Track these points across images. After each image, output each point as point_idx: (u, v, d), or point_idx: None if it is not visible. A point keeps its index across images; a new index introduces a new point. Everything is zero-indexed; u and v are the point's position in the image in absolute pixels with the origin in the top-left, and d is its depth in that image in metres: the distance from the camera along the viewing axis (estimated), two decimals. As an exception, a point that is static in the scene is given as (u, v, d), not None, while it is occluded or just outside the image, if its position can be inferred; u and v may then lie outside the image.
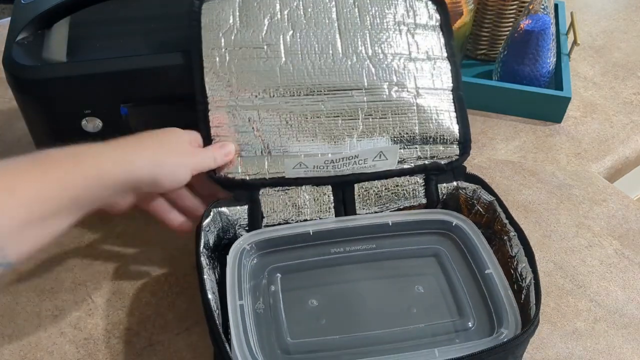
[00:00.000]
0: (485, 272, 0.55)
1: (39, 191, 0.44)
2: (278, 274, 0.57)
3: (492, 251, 0.57)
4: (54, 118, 0.63)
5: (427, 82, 0.64)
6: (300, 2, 0.64)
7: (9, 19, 0.67)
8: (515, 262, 0.56)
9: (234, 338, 0.49)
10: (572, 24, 0.92)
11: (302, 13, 0.63)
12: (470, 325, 0.53)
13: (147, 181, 0.51)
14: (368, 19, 0.64)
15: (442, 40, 0.66)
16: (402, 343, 0.51)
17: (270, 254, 0.58)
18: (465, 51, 0.94)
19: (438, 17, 0.66)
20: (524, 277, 0.55)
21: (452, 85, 0.65)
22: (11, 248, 0.42)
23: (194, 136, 0.58)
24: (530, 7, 0.82)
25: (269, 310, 0.53)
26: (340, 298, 0.55)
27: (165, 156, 0.53)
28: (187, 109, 0.60)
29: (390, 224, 0.60)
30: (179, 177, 0.54)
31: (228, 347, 0.47)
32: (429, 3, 0.66)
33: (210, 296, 0.51)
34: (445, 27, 0.66)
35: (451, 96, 0.64)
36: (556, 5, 0.99)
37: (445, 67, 0.65)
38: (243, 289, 0.53)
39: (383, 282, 0.57)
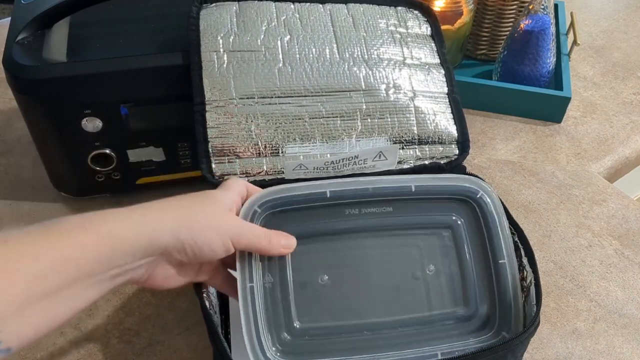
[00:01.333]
0: (500, 261, 0.53)
1: (41, 264, 0.38)
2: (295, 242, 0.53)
3: (511, 237, 0.55)
4: (54, 118, 0.63)
5: (422, 86, 0.64)
6: (296, 10, 0.65)
7: (9, 19, 0.67)
8: (516, 262, 0.56)
9: (243, 322, 0.48)
10: (572, 24, 0.92)
11: (298, 20, 0.64)
12: (471, 317, 0.53)
13: (173, 248, 0.44)
14: (362, 26, 0.65)
15: (435, 47, 0.67)
16: (405, 332, 0.51)
17: (283, 214, 0.53)
18: (465, 51, 0.94)
19: (429, 27, 0.68)
20: (524, 277, 0.55)
21: (447, 89, 0.65)
22: (10, 331, 0.36)
23: (235, 201, 0.51)
24: (530, 7, 0.82)
25: (277, 286, 0.51)
26: (351, 275, 0.53)
27: (194, 221, 0.45)
28: (187, 109, 0.60)
29: (413, 189, 0.55)
30: (214, 246, 0.46)
31: (227, 348, 0.47)
32: (419, 15, 0.68)
33: (207, 296, 0.51)
34: (437, 35, 0.68)
35: (447, 99, 0.65)
36: (556, 5, 0.99)
37: (439, 72, 0.66)
38: (253, 265, 0.50)
39: (395, 253, 0.54)
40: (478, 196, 0.55)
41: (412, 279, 0.53)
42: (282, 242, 0.50)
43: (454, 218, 0.55)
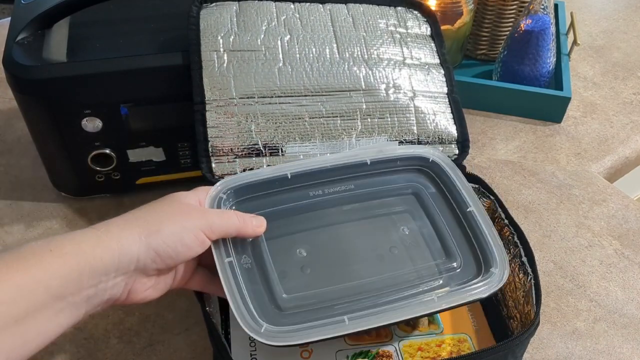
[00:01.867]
0: (467, 210, 0.55)
1: (7, 288, 0.37)
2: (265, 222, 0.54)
3: (471, 188, 0.57)
4: (54, 118, 0.63)
5: (422, 86, 0.64)
6: (297, 10, 0.65)
7: (9, 19, 0.67)
8: (515, 262, 0.56)
9: (229, 297, 0.47)
10: (572, 24, 0.92)
11: (298, 20, 0.64)
12: (456, 266, 0.53)
13: (147, 258, 0.43)
14: (362, 27, 0.65)
15: (434, 48, 0.67)
16: (393, 289, 0.51)
17: (248, 201, 0.55)
18: (465, 51, 0.94)
19: (428, 27, 0.68)
20: (523, 277, 0.55)
21: (446, 89, 0.65)
22: None
23: (201, 193, 0.52)
24: (530, 7, 0.82)
25: (256, 264, 0.51)
26: (327, 245, 0.54)
27: (160, 224, 0.44)
28: (187, 109, 0.60)
29: (369, 163, 0.58)
30: (188, 242, 0.45)
31: (228, 348, 0.48)
32: (419, 15, 0.68)
33: (207, 296, 0.51)
34: (437, 36, 0.68)
35: (447, 99, 0.65)
36: (556, 5, 0.99)
37: (439, 73, 0.66)
38: (227, 243, 0.50)
39: (367, 224, 0.56)
40: (430, 160, 0.59)
41: (388, 243, 0.54)
42: (254, 222, 0.51)
43: (413, 183, 0.58)
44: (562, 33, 0.94)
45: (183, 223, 0.45)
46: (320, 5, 0.66)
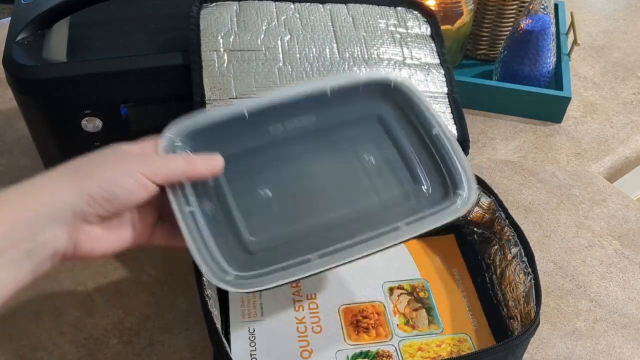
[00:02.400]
0: (433, 132, 0.53)
1: None
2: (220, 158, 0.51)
3: (436, 111, 0.55)
4: (54, 118, 0.63)
5: (422, 86, 0.64)
6: (297, 10, 0.65)
7: (9, 19, 0.67)
8: (515, 262, 0.56)
9: (191, 248, 0.45)
10: (572, 24, 0.92)
11: (298, 19, 0.64)
12: (424, 191, 0.52)
13: (81, 202, 0.41)
14: (362, 27, 0.65)
15: (434, 48, 0.67)
16: (361, 221, 0.50)
17: (205, 146, 0.51)
18: (465, 51, 0.94)
19: (428, 27, 0.68)
20: (524, 277, 0.55)
21: (446, 89, 0.65)
22: None
23: (147, 144, 0.48)
24: (530, 7, 0.82)
25: (220, 210, 0.49)
26: (292, 182, 0.52)
27: (95, 169, 0.43)
28: (187, 109, 0.60)
29: (329, 93, 0.54)
30: (126, 185, 0.43)
31: (228, 348, 0.48)
32: (419, 15, 0.68)
33: (208, 296, 0.51)
34: (437, 36, 0.68)
35: (447, 99, 0.65)
36: (556, 5, 0.99)
37: (439, 73, 0.66)
38: (185, 190, 0.47)
39: (332, 156, 0.54)
40: (392, 85, 0.56)
41: (354, 174, 0.53)
42: (209, 163, 0.48)
43: (376, 110, 0.56)
44: (562, 33, 0.94)
45: (119, 167, 0.43)
46: (320, 5, 0.66)
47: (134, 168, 0.44)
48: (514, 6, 0.89)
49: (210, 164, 0.48)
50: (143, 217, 0.47)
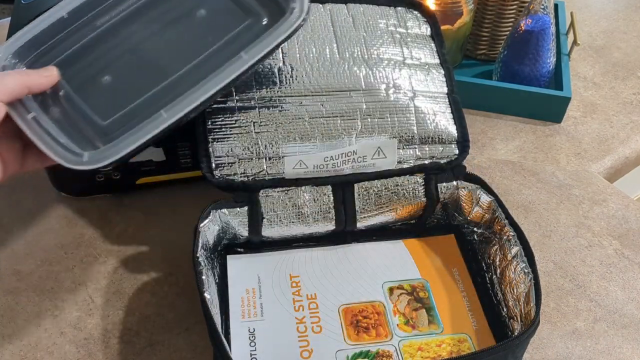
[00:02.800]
0: None
1: None
2: (54, 68, 0.52)
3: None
4: (54, 118, 0.63)
5: (422, 86, 0.64)
6: None
7: (9, 19, 0.67)
8: (515, 262, 0.56)
9: (41, 146, 0.47)
10: (572, 24, 0.92)
11: None
12: (261, 20, 0.53)
13: None
14: (362, 26, 0.65)
15: (434, 48, 0.67)
16: (206, 67, 0.51)
17: (37, 59, 0.52)
18: (465, 51, 0.94)
19: (428, 27, 0.68)
20: (524, 277, 0.55)
21: (446, 89, 0.65)
22: None
23: None
24: (530, 7, 0.82)
25: (66, 110, 0.51)
26: (129, 60, 0.53)
27: None
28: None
29: None
30: None
31: (228, 348, 0.48)
32: (419, 15, 0.68)
33: (207, 296, 0.51)
34: (437, 36, 0.68)
35: (447, 99, 0.65)
36: (556, 5, 0.99)
37: (439, 73, 0.66)
38: (25, 101, 0.48)
39: (163, 24, 0.54)
40: None
41: (187, 31, 0.54)
42: (44, 72, 0.50)
43: None
44: (562, 33, 0.94)
45: None
46: (320, 5, 0.66)
47: None
48: (514, 6, 0.89)
49: (46, 73, 0.50)
50: (6, 145, 0.48)
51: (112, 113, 0.51)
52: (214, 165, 0.59)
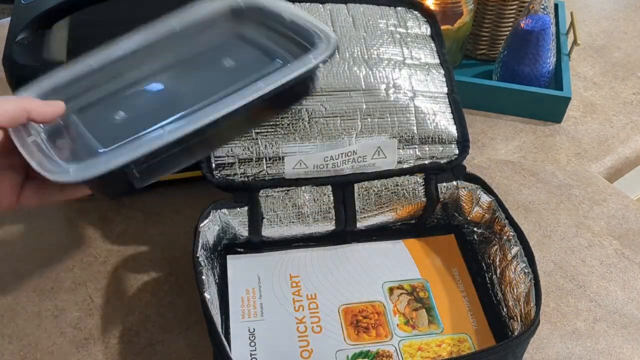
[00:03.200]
0: (288, 20, 0.52)
1: None
2: (73, 112, 0.49)
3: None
4: (54, 118, 0.63)
5: (422, 86, 0.64)
6: None
7: (9, 19, 0.67)
8: (515, 262, 0.56)
9: (29, 160, 0.43)
10: (572, 24, 0.92)
11: None
12: (282, 59, 0.51)
13: None
14: (362, 26, 0.65)
15: (434, 48, 0.67)
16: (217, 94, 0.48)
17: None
18: (465, 51, 0.94)
19: (428, 27, 0.68)
20: (524, 277, 0.55)
21: (446, 89, 0.65)
22: None
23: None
24: (530, 7, 0.82)
25: (69, 139, 0.47)
26: (147, 98, 0.50)
27: None
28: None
29: (178, 29, 0.54)
30: None
31: (227, 348, 0.48)
32: (419, 15, 0.68)
33: (207, 296, 0.51)
34: (437, 36, 0.68)
35: (447, 100, 0.65)
36: (556, 5, 0.99)
37: (439, 73, 0.66)
38: (28, 127, 0.45)
39: (188, 72, 0.53)
40: (243, 5, 0.55)
41: (210, 75, 0.52)
42: (49, 103, 0.47)
43: (231, 29, 0.54)
44: (562, 33, 0.94)
45: None
46: (320, 5, 0.66)
47: None
48: (514, 6, 0.89)
49: (51, 103, 0.47)
50: (10, 179, 0.46)
51: (113, 138, 0.46)
52: (214, 165, 0.59)
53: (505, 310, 0.57)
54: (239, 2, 0.55)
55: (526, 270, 0.55)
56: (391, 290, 0.60)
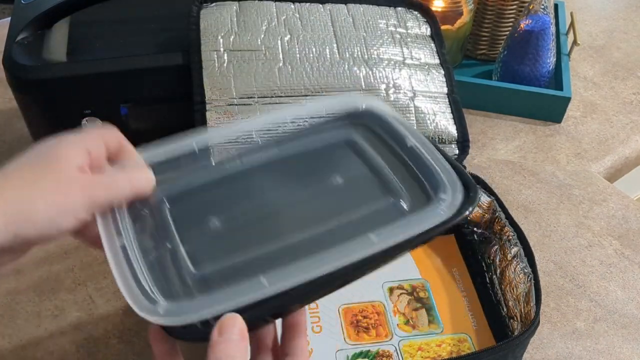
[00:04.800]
0: (408, 145, 0.47)
1: None
2: (164, 201, 0.45)
3: (414, 126, 0.49)
4: (54, 118, 0.63)
5: (422, 86, 0.64)
6: (297, 10, 0.65)
7: (9, 19, 0.67)
8: (515, 262, 0.56)
9: (118, 281, 0.40)
10: (572, 24, 0.92)
11: (298, 19, 0.64)
12: (402, 203, 0.44)
13: (4, 241, 0.34)
14: (362, 27, 0.65)
15: (434, 48, 0.67)
16: (322, 237, 0.42)
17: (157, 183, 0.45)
18: (465, 51, 0.94)
19: (428, 27, 0.68)
20: (524, 277, 0.55)
21: (446, 89, 0.65)
22: None
23: (91, 150, 0.40)
24: (530, 7, 0.82)
25: (159, 246, 0.43)
26: (247, 211, 0.45)
27: (31, 204, 0.35)
28: (187, 109, 0.60)
29: (289, 121, 0.49)
30: (65, 225, 0.36)
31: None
32: (419, 15, 0.68)
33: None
34: (437, 36, 0.68)
35: (447, 100, 0.65)
36: (556, 5, 0.99)
37: (439, 73, 0.66)
38: (122, 227, 0.41)
39: (293, 183, 0.48)
40: (361, 109, 0.50)
41: (317, 196, 0.47)
42: (144, 175, 0.42)
43: (344, 134, 0.50)
44: (562, 33, 0.94)
45: (60, 203, 0.36)
46: (320, 5, 0.66)
47: (77, 203, 0.37)
48: (514, 6, 0.89)
49: (146, 177, 0.42)
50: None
51: (206, 261, 0.42)
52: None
53: (505, 310, 0.57)
54: (359, 104, 0.50)
55: (526, 270, 0.55)
56: (391, 290, 0.60)
